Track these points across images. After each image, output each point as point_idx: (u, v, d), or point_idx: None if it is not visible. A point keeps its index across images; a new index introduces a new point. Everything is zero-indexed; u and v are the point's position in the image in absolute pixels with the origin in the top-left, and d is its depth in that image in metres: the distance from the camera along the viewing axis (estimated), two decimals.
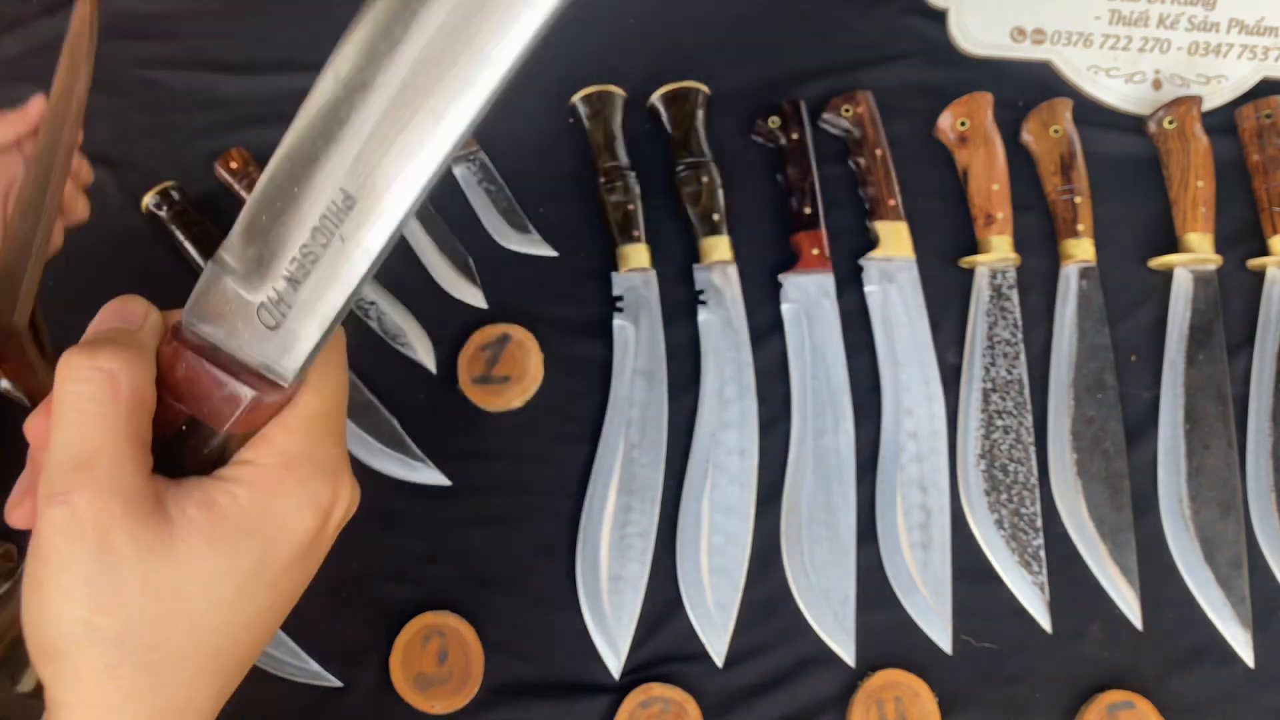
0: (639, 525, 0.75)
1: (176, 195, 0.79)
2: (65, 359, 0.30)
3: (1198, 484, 0.78)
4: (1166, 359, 0.81)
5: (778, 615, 0.75)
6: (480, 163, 0.84)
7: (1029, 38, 0.90)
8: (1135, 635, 0.76)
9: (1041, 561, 0.76)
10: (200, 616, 0.30)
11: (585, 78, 0.84)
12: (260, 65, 0.86)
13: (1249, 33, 0.90)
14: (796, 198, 0.82)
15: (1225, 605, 0.75)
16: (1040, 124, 0.85)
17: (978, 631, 0.75)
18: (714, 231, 0.81)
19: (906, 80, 0.88)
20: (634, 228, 0.81)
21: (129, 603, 0.29)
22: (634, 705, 0.72)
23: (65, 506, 0.28)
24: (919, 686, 0.73)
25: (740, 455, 0.77)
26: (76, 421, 0.29)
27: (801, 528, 0.76)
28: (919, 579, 0.75)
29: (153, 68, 0.85)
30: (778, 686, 0.74)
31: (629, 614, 0.74)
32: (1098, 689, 0.74)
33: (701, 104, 0.84)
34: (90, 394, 0.29)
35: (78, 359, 0.30)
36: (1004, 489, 0.77)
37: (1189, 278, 0.82)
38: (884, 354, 0.80)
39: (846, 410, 0.78)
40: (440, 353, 0.79)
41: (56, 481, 0.28)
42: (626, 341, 0.79)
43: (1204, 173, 0.84)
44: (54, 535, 0.28)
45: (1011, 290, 0.81)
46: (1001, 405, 0.79)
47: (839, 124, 0.85)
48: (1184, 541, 0.77)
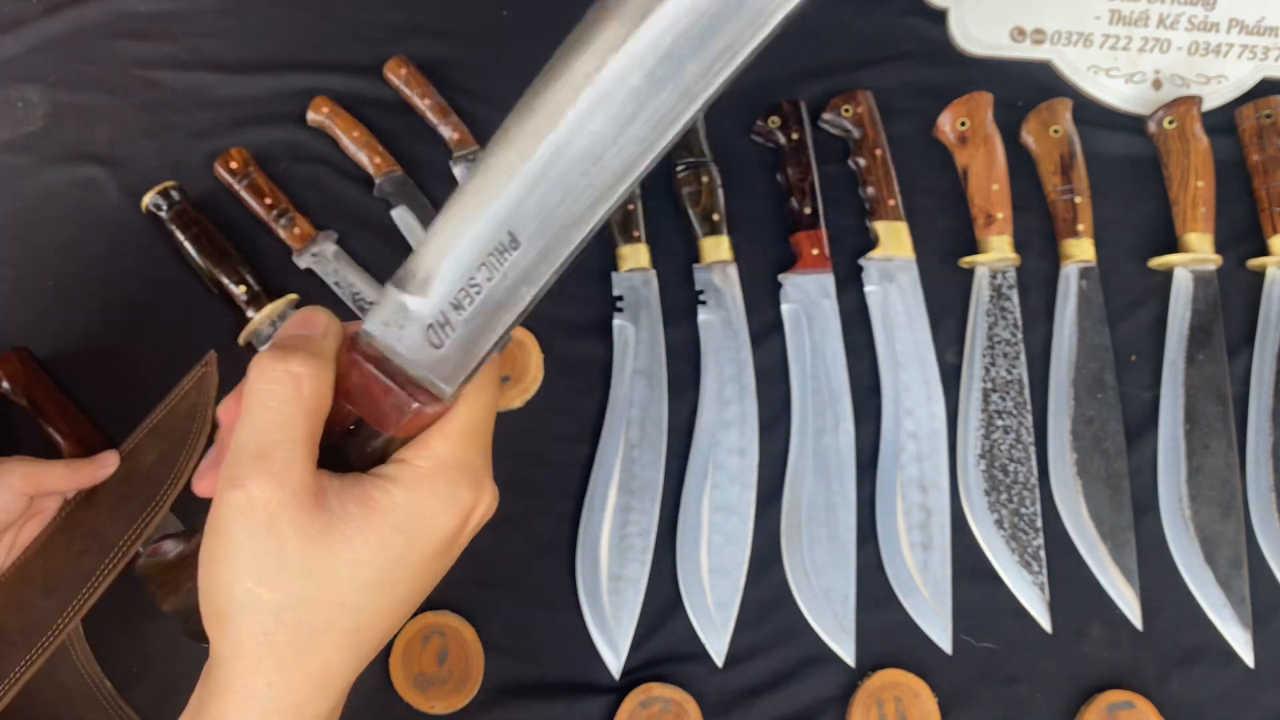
0: (639, 525, 0.75)
1: (176, 195, 0.79)
2: (259, 360, 0.35)
3: (1198, 484, 0.78)
4: (1166, 359, 0.81)
5: (778, 615, 0.75)
6: None
7: (1029, 38, 0.90)
8: (1135, 635, 0.76)
9: (1041, 561, 0.76)
10: (346, 598, 0.34)
11: None
12: (260, 65, 0.86)
13: (1249, 33, 0.90)
14: (796, 198, 0.82)
15: (1225, 605, 0.76)
16: (1040, 124, 0.85)
17: (978, 631, 0.75)
18: (714, 231, 0.81)
19: (906, 80, 0.88)
20: (634, 228, 0.81)
21: (287, 580, 0.33)
22: (634, 705, 0.72)
23: (242, 491, 0.32)
24: (919, 686, 0.73)
25: (740, 455, 0.77)
26: (262, 416, 0.33)
27: (801, 528, 0.76)
28: (919, 579, 0.75)
29: (153, 68, 0.85)
30: (778, 686, 0.74)
31: (629, 614, 0.74)
32: (1098, 689, 0.74)
33: None
34: (278, 393, 0.33)
35: (270, 361, 0.34)
36: (1004, 489, 0.77)
37: (1189, 278, 0.82)
38: (884, 354, 0.80)
39: (846, 410, 0.78)
40: None
41: (238, 467, 0.33)
42: (626, 341, 0.79)
43: (1204, 173, 0.84)
44: (230, 515, 0.32)
45: (1011, 290, 0.81)
46: (1001, 405, 0.79)
47: (839, 124, 0.85)
48: (1184, 541, 0.77)
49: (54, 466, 0.62)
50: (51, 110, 0.84)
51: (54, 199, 0.82)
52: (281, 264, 0.81)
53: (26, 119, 0.84)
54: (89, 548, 0.62)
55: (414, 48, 0.86)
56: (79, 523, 0.64)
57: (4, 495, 0.59)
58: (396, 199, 0.82)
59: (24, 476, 0.59)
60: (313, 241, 0.80)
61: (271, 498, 0.32)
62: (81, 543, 0.63)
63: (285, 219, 0.80)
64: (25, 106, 0.84)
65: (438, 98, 0.85)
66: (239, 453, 0.33)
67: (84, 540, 0.63)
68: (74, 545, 0.63)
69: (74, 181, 0.82)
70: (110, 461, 0.64)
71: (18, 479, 0.59)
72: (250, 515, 0.32)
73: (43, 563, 0.62)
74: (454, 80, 0.87)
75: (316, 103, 0.83)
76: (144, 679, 0.67)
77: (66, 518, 0.64)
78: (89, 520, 0.63)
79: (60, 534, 0.63)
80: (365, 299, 0.80)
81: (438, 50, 0.87)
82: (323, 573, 0.33)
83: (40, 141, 0.83)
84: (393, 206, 0.82)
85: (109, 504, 0.64)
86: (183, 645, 0.62)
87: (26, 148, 0.83)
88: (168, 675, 0.69)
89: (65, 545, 0.63)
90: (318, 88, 0.84)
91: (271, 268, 0.81)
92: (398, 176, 0.83)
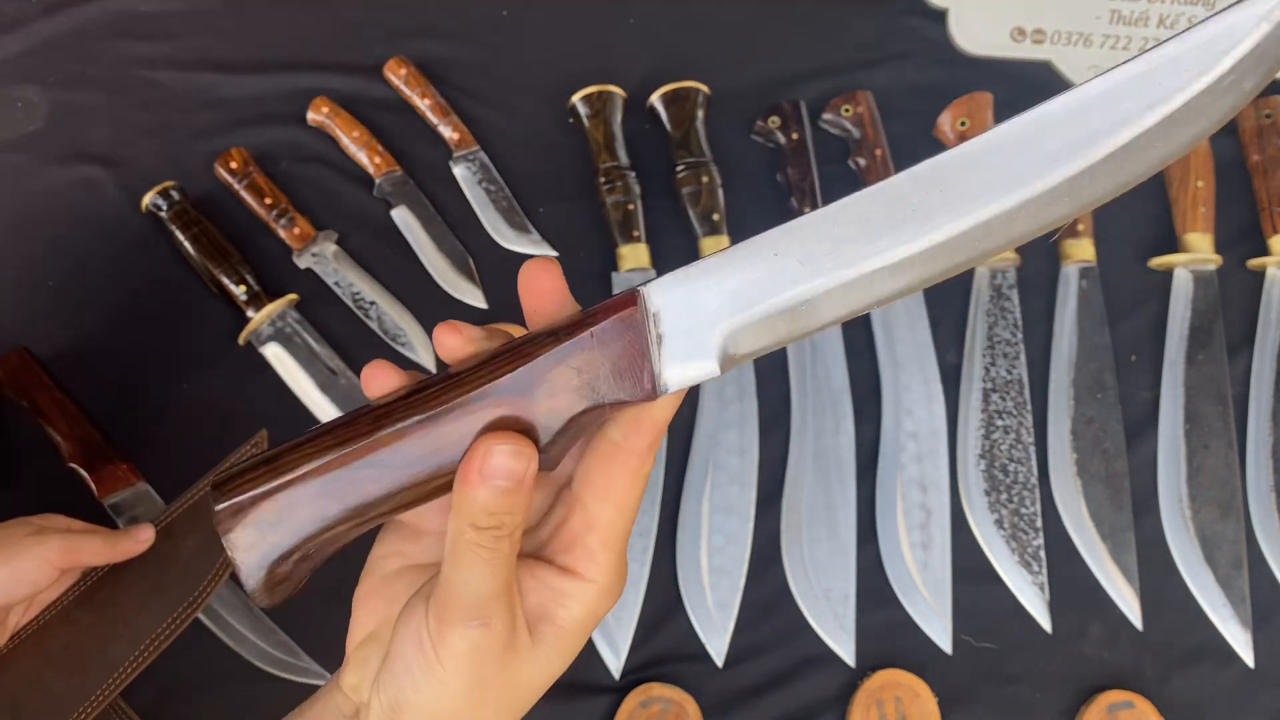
0: (639, 525, 0.75)
1: (176, 195, 0.79)
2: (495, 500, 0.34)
3: (1198, 484, 0.78)
4: (1166, 359, 0.81)
5: (778, 615, 0.75)
6: (480, 163, 0.84)
7: (1029, 38, 0.90)
8: (1135, 635, 0.76)
9: (1041, 561, 0.76)
10: (509, 704, 0.36)
11: (585, 78, 0.84)
12: (260, 65, 0.86)
13: None
14: (796, 198, 0.82)
15: (1225, 605, 0.76)
16: None
17: (978, 631, 0.75)
18: (714, 231, 0.81)
19: (906, 80, 0.88)
20: (634, 228, 0.81)
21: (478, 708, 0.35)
22: (634, 705, 0.72)
23: (486, 629, 0.34)
24: (919, 686, 0.73)
25: (740, 455, 0.77)
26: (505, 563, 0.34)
27: (801, 528, 0.76)
28: (919, 579, 0.75)
29: (153, 68, 0.86)
30: (778, 686, 0.74)
31: (629, 614, 0.74)
32: (1098, 689, 0.74)
33: (701, 104, 0.84)
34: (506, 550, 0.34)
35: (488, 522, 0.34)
36: (1004, 489, 0.77)
37: (1189, 278, 0.82)
38: (884, 354, 0.80)
39: (846, 410, 0.78)
40: None
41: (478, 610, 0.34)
42: None
43: (1204, 173, 0.84)
44: (468, 645, 0.34)
45: (1011, 290, 0.81)
46: (1001, 405, 0.79)
47: (839, 124, 0.85)
48: (1184, 541, 0.77)
49: (90, 540, 0.59)
50: (51, 110, 0.84)
51: (54, 199, 0.82)
52: (281, 264, 0.81)
53: (26, 119, 0.84)
54: (119, 635, 0.60)
55: (414, 48, 0.86)
56: (109, 602, 0.61)
57: (37, 567, 0.57)
58: (396, 199, 0.82)
59: (61, 550, 0.58)
60: (313, 241, 0.80)
61: (494, 638, 0.34)
62: (111, 628, 0.60)
63: (285, 219, 0.80)
64: (25, 106, 0.84)
65: (438, 98, 0.85)
66: (461, 595, 0.34)
67: (113, 625, 0.60)
68: (103, 629, 0.60)
69: (74, 181, 0.82)
70: (145, 537, 0.62)
71: (54, 552, 0.57)
72: (475, 654, 0.34)
73: (65, 639, 0.60)
74: (454, 80, 0.87)
75: (316, 103, 0.83)
76: (144, 679, 0.67)
77: (93, 590, 0.61)
78: (120, 602, 0.61)
79: (87, 610, 0.61)
80: (365, 299, 0.80)
81: (438, 50, 0.87)
82: (509, 688, 0.36)
83: (40, 141, 0.83)
84: (393, 206, 0.82)
85: (142, 588, 0.62)
86: (182, 647, 0.63)
87: (26, 148, 0.83)
88: (168, 675, 0.69)
89: (93, 626, 0.60)
90: (318, 88, 0.84)
91: (271, 268, 0.81)
92: (398, 176, 0.83)
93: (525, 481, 0.33)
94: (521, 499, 0.34)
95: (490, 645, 0.34)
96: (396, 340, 0.79)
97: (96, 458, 0.74)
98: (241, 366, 0.79)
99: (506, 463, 0.33)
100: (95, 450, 0.74)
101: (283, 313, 0.78)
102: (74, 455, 0.74)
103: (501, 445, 0.33)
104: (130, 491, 0.74)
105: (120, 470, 0.74)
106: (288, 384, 0.78)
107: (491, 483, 0.33)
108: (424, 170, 0.84)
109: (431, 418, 0.33)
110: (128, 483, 0.74)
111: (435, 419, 0.33)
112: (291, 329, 0.78)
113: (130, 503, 0.73)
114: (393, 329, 0.79)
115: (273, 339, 0.78)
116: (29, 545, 0.57)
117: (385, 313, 0.79)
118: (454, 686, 0.35)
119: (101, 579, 0.62)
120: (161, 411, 0.77)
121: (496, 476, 0.33)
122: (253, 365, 0.78)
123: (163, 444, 0.77)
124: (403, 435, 0.33)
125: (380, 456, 0.33)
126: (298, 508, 0.34)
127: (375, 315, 0.79)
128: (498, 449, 0.33)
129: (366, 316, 0.80)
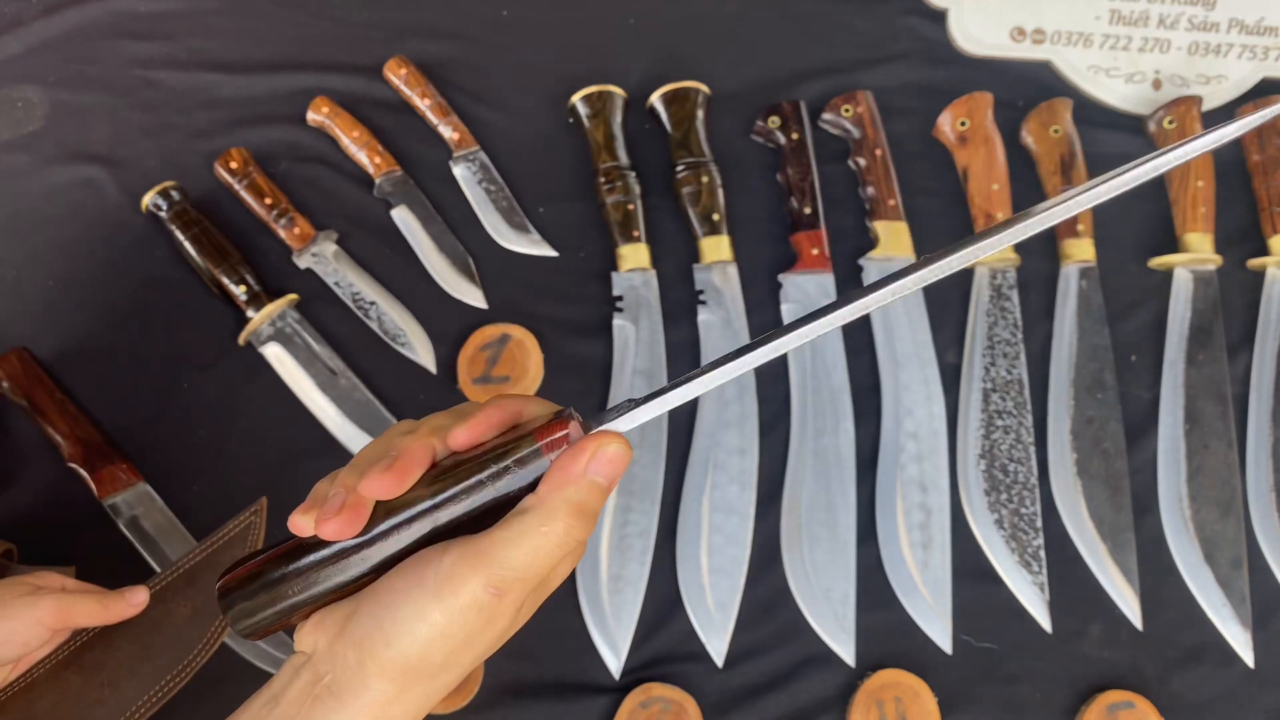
0: (639, 525, 0.75)
1: (176, 195, 0.79)
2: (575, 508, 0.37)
3: (1198, 484, 0.78)
4: (1166, 359, 0.81)
5: (778, 615, 0.75)
6: (480, 163, 0.84)
7: (1029, 38, 0.90)
8: (1135, 635, 0.76)
9: (1041, 561, 0.76)
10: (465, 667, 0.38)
11: (585, 78, 0.84)
12: (260, 65, 0.86)
13: (1249, 33, 0.90)
14: (796, 198, 0.82)
15: (1225, 605, 0.76)
16: (1040, 124, 0.85)
17: (978, 631, 0.75)
18: (714, 231, 0.81)
19: (906, 80, 0.88)
20: (634, 228, 0.81)
21: (468, 659, 0.37)
22: (634, 705, 0.72)
23: (497, 600, 0.36)
24: (919, 686, 0.73)
25: (740, 455, 0.77)
26: (546, 555, 0.37)
27: (801, 527, 0.76)
28: (919, 579, 0.75)
29: (153, 68, 0.86)
30: (778, 686, 0.74)
31: (629, 614, 0.74)
32: (1098, 689, 0.74)
33: (701, 104, 0.84)
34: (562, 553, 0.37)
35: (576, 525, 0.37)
36: (1004, 489, 0.77)
37: (1189, 278, 0.82)
38: (884, 354, 0.80)
39: (846, 410, 0.78)
40: (440, 353, 0.79)
41: (506, 583, 0.36)
42: (626, 341, 0.79)
43: (1204, 173, 0.84)
44: (472, 602, 0.36)
45: (1011, 290, 0.81)
46: (1001, 405, 0.79)
47: (839, 124, 0.85)
48: (1184, 541, 0.77)
49: (84, 601, 0.58)
50: (51, 110, 0.84)
51: (54, 199, 0.82)
52: (281, 264, 0.81)
53: (26, 119, 0.84)
54: (105, 700, 0.59)
55: (414, 48, 0.86)
56: (97, 665, 0.60)
57: (28, 628, 0.56)
58: (396, 199, 0.82)
59: (55, 612, 0.57)
60: (313, 241, 0.80)
61: (507, 611, 0.37)
62: (97, 692, 0.59)
63: (285, 219, 0.80)
64: (25, 106, 0.84)
65: (438, 98, 0.85)
66: (511, 567, 0.36)
67: (100, 690, 0.59)
68: (89, 693, 0.59)
69: (74, 181, 0.82)
70: (138, 600, 0.61)
71: (48, 614, 0.57)
72: (486, 614, 0.36)
73: (52, 700, 0.59)
74: (454, 80, 0.87)
75: (316, 103, 0.83)
76: None
77: (82, 652, 0.60)
78: (108, 665, 0.60)
79: (75, 672, 0.60)
80: (365, 299, 0.80)
81: (438, 50, 0.87)
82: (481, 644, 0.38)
83: (40, 141, 0.83)
84: (393, 206, 0.82)
85: (131, 653, 0.61)
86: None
87: (26, 148, 0.83)
88: None
89: (79, 689, 0.59)
90: (318, 88, 0.84)
91: (271, 268, 0.81)
92: (398, 176, 0.83)
93: (615, 483, 0.38)
94: (602, 503, 0.38)
95: (489, 615, 0.36)
96: (396, 340, 0.79)
97: (96, 458, 0.74)
98: (241, 366, 0.79)
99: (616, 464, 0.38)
100: (95, 450, 0.74)
101: (283, 313, 0.78)
102: (74, 455, 0.74)
103: (612, 446, 0.38)
104: (130, 491, 0.74)
105: (120, 470, 0.74)
106: (287, 384, 0.78)
107: (592, 477, 0.37)
108: (424, 170, 0.84)
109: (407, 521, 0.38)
110: (128, 483, 0.74)
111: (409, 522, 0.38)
112: (291, 329, 0.78)
113: (130, 503, 0.74)
114: (393, 329, 0.79)
115: (273, 339, 0.78)
116: (23, 606, 0.56)
117: (385, 313, 0.79)
118: (437, 628, 0.36)
119: (91, 640, 0.61)
120: (161, 411, 0.77)
121: (600, 472, 0.37)
122: (253, 365, 0.78)
123: (163, 444, 0.77)
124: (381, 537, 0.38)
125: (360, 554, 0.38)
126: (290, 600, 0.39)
127: (375, 315, 0.79)
128: (614, 444, 0.38)
129: (366, 316, 0.80)
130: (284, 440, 0.78)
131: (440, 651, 0.36)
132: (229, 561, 0.62)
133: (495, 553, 0.36)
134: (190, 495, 0.75)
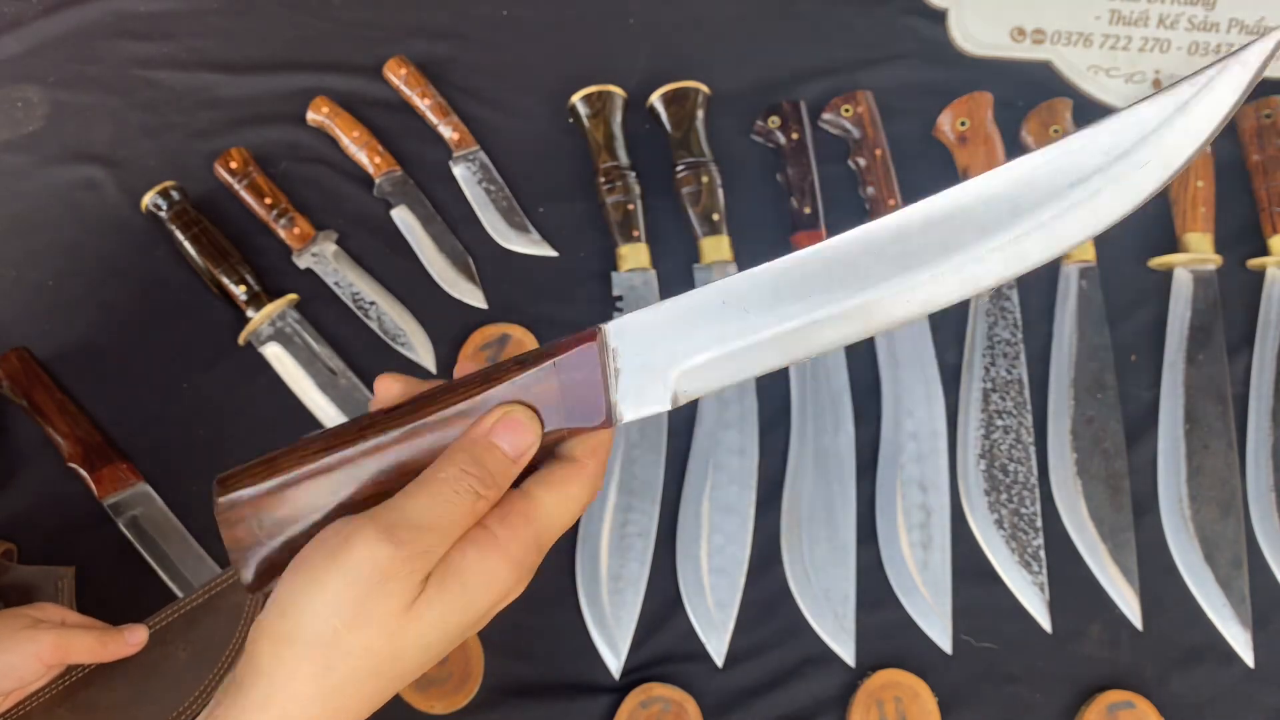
0: (639, 525, 0.75)
1: (176, 195, 0.79)
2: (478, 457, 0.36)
3: (1198, 484, 0.78)
4: (1166, 359, 0.81)
5: (778, 615, 0.75)
6: (480, 163, 0.84)
7: (1029, 38, 0.90)
8: (1135, 635, 0.76)
9: (1041, 561, 0.76)
10: (404, 654, 0.36)
11: (585, 78, 0.84)
12: (260, 65, 0.86)
13: (1249, 33, 0.90)
14: (796, 198, 0.82)
15: (1225, 605, 0.75)
16: (1040, 124, 0.85)
17: (978, 631, 0.75)
18: (714, 231, 0.81)
19: (906, 80, 0.88)
20: (634, 228, 0.81)
21: (369, 632, 0.34)
22: (634, 705, 0.72)
23: (396, 549, 0.34)
24: (919, 686, 0.73)
25: (740, 455, 0.77)
26: (448, 507, 0.35)
27: (801, 528, 0.76)
28: (919, 579, 0.75)
29: (153, 68, 0.86)
30: (778, 686, 0.74)
31: (629, 614, 0.74)
32: (1098, 689, 0.74)
33: (701, 104, 0.84)
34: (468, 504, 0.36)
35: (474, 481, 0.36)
36: (1004, 489, 0.77)
37: (1189, 278, 0.82)
38: (884, 354, 0.80)
39: (846, 410, 0.78)
40: (440, 353, 0.79)
41: (404, 529, 0.34)
42: None
43: (1204, 173, 0.84)
44: (364, 558, 0.34)
45: (1011, 290, 0.81)
46: (1001, 405, 0.79)
47: (839, 124, 0.85)
48: (1184, 541, 0.77)
49: (83, 637, 0.57)
50: (51, 110, 0.84)
51: (54, 199, 0.82)
52: (281, 264, 0.81)
53: (26, 119, 0.84)
54: None
55: (414, 48, 0.86)
56: (91, 704, 0.59)
57: (25, 663, 0.56)
58: (396, 199, 0.82)
59: (53, 647, 0.56)
60: (313, 241, 0.80)
61: (408, 567, 0.34)
62: None
63: (285, 219, 0.80)
64: (25, 106, 0.84)
65: (438, 98, 0.85)
66: (407, 516, 0.35)
67: None
68: None
69: (74, 181, 0.82)
70: (137, 640, 0.60)
71: (46, 649, 0.56)
72: (380, 570, 0.34)
73: None
74: (454, 80, 0.87)
75: (316, 103, 0.83)
76: None
77: (76, 689, 0.60)
78: (102, 705, 0.59)
79: (69, 710, 0.59)
80: (365, 299, 0.80)
81: (438, 50, 0.87)
82: (398, 632, 0.35)
83: (40, 141, 0.83)
84: (392, 206, 0.82)
85: (127, 694, 0.60)
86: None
87: (26, 148, 0.83)
88: None
89: None
90: (318, 88, 0.84)
91: (271, 268, 0.81)
92: (398, 176, 0.83)
93: (525, 455, 0.36)
94: (515, 469, 0.36)
95: (385, 570, 0.34)
96: (396, 340, 0.79)
97: (96, 458, 0.74)
98: (241, 366, 0.79)
99: (519, 432, 0.36)
100: (95, 450, 0.74)
101: (282, 313, 0.78)
102: (74, 455, 0.74)
103: (520, 413, 0.36)
104: (130, 491, 0.74)
105: (120, 470, 0.74)
106: (287, 384, 0.78)
107: (498, 439, 0.36)
108: (424, 170, 0.84)
109: (408, 432, 0.37)
110: (128, 483, 0.74)
111: (411, 434, 0.37)
112: (291, 329, 0.78)
113: (130, 503, 0.74)
114: (392, 329, 0.79)
115: (273, 339, 0.78)
116: (21, 640, 0.56)
117: (385, 313, 0.79)
118: (329, 589, 0.34)
119: (87, 676, 0.60)
120: (161, 411, 0.77)
121: (506, 439, 0.36)
122: (253, 365, 0.78)
123: (163, 444, 0.77)
124: (382, 448, 0.37)
125: (365, 462, 0.37)
126: (292, 504, 0.38)
127: (375, 315, 0.79)
128: (519, 413, 0.37)
129: (366, 316, 0.80)
130: (284, 440, 0.77)
131: (338, 617, 0.34)
132: (230, 607, 0.62)
133: (390, 503, 0.35)
134: (190, 495, 0.75)
